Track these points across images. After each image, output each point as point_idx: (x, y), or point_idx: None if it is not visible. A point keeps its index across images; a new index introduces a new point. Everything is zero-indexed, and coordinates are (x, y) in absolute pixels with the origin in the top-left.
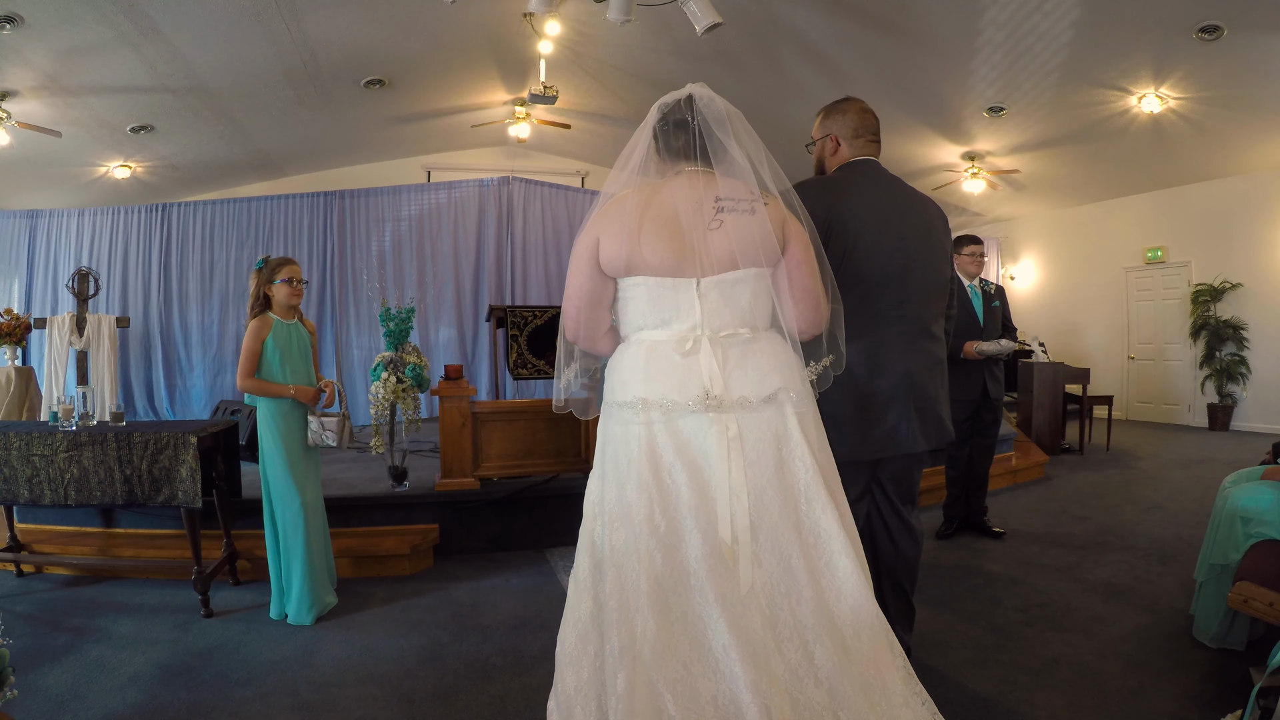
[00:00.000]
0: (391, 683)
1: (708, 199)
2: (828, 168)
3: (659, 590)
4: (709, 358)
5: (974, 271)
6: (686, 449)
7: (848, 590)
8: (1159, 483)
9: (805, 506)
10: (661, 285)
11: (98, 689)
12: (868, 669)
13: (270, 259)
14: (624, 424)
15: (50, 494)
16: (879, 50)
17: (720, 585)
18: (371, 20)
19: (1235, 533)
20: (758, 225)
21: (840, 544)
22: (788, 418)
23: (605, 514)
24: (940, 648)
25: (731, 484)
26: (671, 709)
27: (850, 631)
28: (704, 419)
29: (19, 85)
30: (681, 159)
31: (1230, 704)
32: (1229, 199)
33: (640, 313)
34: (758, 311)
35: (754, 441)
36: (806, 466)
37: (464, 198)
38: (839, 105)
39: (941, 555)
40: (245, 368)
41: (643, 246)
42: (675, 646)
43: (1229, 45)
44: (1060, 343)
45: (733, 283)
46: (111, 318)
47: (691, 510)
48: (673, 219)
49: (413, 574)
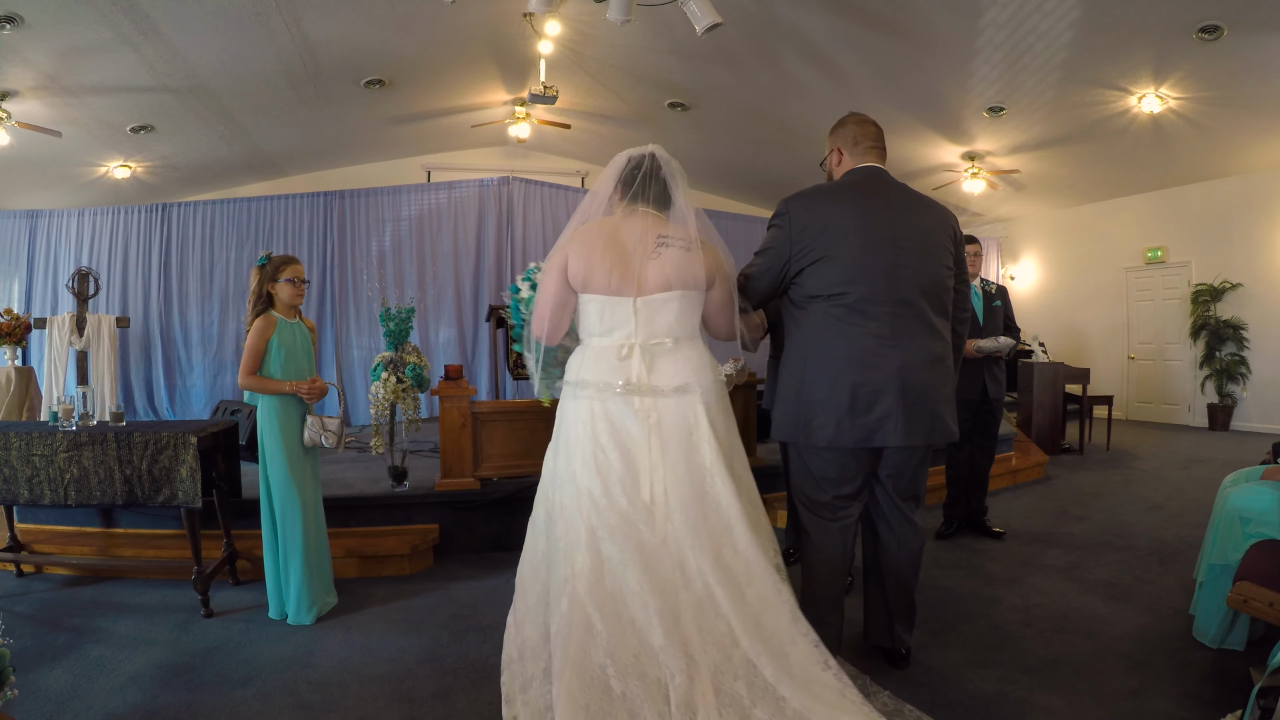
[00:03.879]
0: (391, 683)
1: (650, 235)
2: (834, 177)
3: (593, 537)
4: (638, 361)
5: (972, 271)
6: (618, 434)
7: (742, 547)
8: (1159, 483)
9: (708, 480)
10: (607, 302)
11: (98, 689)
12: (759, 608)
13: (273, 256)
14: (573, 399)
15: (50, 494)
16: (879, 50)
17: (638, 536)
18: (371, 20)
19: (1235, 533)
20: (691, 260)
21: (736, 512)
22: (698, 410)
23: (557, 477)
24: (940, 648)
25: (651, 460)
26: (599, 625)
27: (744, 580)
28: (631, 409)
29: (19, 85)
30: (639, 201)
31: (1230, 704)
32: (1229, 199)
33: (592, 322)
34: (681, 325)
35: (669, 427)
36: (710, 448)
37: (464, 198)
38: (839, 121)
39: (941, 555)
40: (248, 365)
41: (597, 269)
42: (603, 579)
43: (1229, 45)
44: (1060, 343)
45: (662, 302)
46: (111, 318)
47: (619, 479)
48: (622, 249)
49: (413, 574)
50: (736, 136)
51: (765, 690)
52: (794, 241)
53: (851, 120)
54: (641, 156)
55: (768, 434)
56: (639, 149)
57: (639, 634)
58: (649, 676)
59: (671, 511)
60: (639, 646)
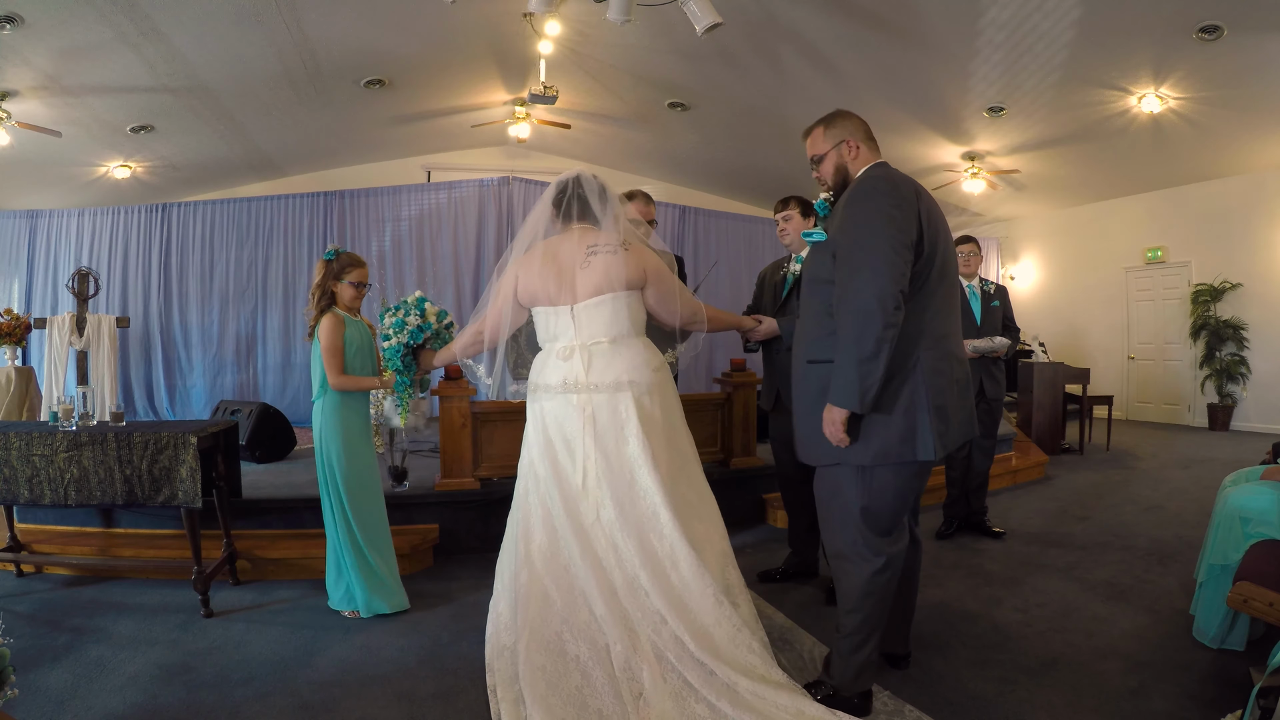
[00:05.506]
0: (391, 683)
1: (582, 247)
2: (851, 171)
3: (548, 517)
4: (578, 361)
5: (970, 271)
6: (562, 427)
7: (666, 533)
8: (1159, 483)
9: (634, 470)
10: (549, 312)
11: (98, 689)
12: (682, 591)
13: (342, 254)
14: (531, 400)
15: (50, 494)
16: (879, 50)
17: (576, 519)
18: (371, 20)
19: (1235, 533)
20: (618, 263)
21: (660, 500)
22: (629, 404)
23: (522, 468)
24: (940, 648)
25: (585, 449)
26: (554, 595)
27: (668, 563)
28: (572, 405)
29: (19, 85)
30: (573, 220)
31: (1230, 704)
32: (1229, 199)
33: (542, 331)
34: (616, 325)
35: (603, 421)
36: (637, 441)
37: (464, 198)
38: (839, 114)
39: (941, 555)
40: (335, 365)
41: (539, 285)
42: (558, 554)
43: (1229, 45)
44: (1060, 343)
45: (596, 305)
46: (111, 318)
47: (563, 469)
48: (560, 263)
49: (413, 574)
50: (736, 136)
51: (695, 663)
52: (922, 222)
53: (853, 115)
54: (565, 181)
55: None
56: (567, 173)
57: (588, 604)
58: (598, 643)
59: (604, 497)
60: (589, 616)
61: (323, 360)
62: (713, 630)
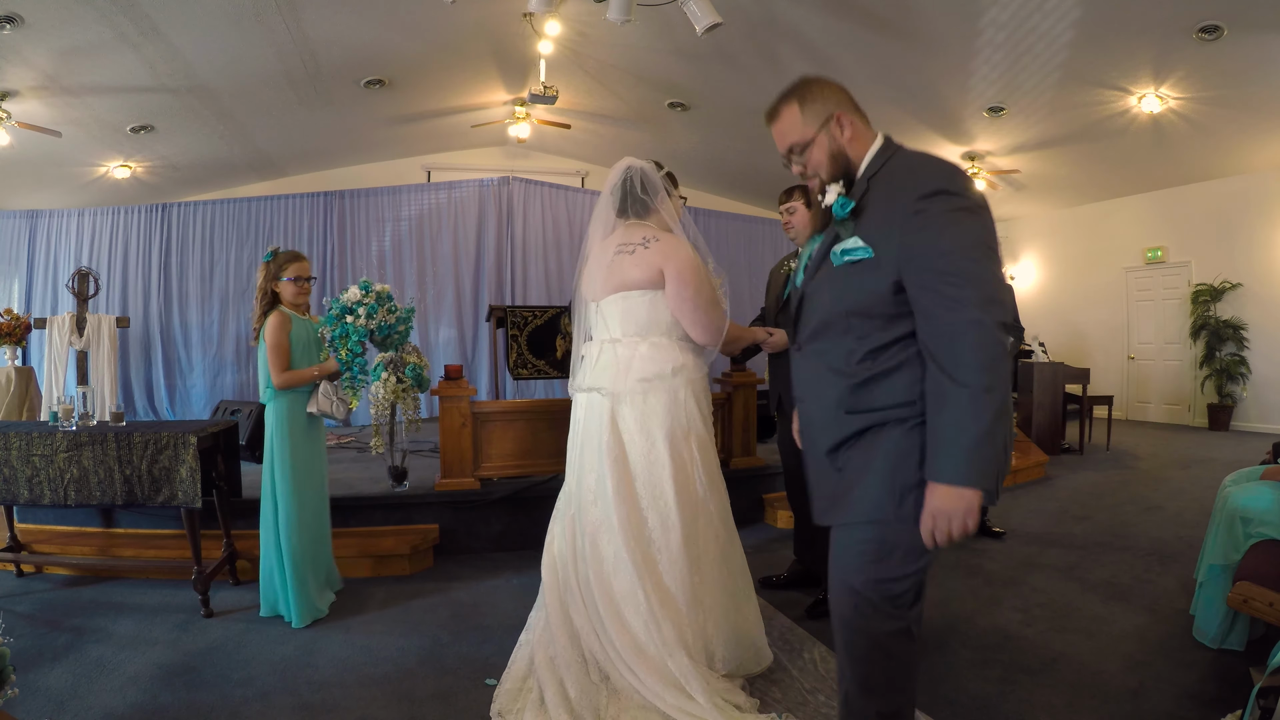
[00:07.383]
0: (391, 683)
1: (612, 245)
2: (852, 156)
3: (566, 506)
4: (590, 359)
5: None
6: (574, 424)
7: (612, 541)
8: (1159, 483)
9: (596, 475)
10: (586, 307)
11: (98, 689)
12: (620, 603)
13: (279, 252)
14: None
15: (50, 494)
16: (879, 50)
17: (568, 510)
18: (371, 20)
19: (1235, 533)
20: (633, 263)
21: (611, 508)
22: (606, 408)
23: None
24: (940, 648)
25: (572, 448)
26: (562, 574)
27: (610, 570)
28: (578, 404)
29: (19, 85)
30: (627, 214)
31: (1230, 704)
32: (1229, 199)
33: (585, 324)
34: (625, 324)
35: (591, 423)
36: (595, 445)
37: (464, 198)
38: (813, 83)
39: (941, 555)
40: (279, 363)
41: (585, 280)
42: (571, 541)
43: (1229, 45)
44: (1060, 343)
45: (610, 303)
46: (111, 318)
47: (573, 459)
48: (600, 259)
49: (413, 574)
50: (736, 136)
51: (628, 666)
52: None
53: (823, 81)
54: (617, 175)
55: (768, 434)
56: (620, 165)
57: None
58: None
59: (582, 494)
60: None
61: (267, 359)
62: (645, 644)
